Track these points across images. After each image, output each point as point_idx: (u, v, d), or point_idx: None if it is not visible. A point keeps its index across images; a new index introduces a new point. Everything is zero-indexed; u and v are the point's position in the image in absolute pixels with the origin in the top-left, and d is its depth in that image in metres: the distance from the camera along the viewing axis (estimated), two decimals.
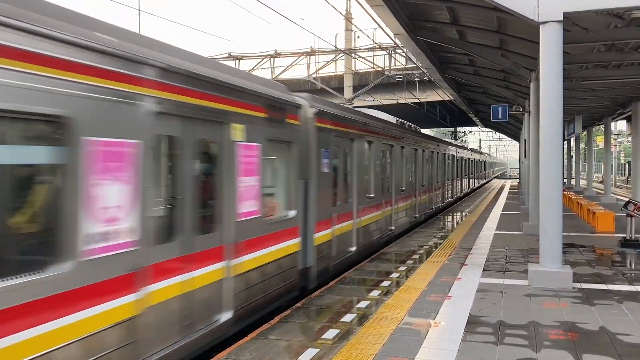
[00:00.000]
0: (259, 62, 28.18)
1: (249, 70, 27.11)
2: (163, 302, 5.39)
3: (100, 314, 4.61)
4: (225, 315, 6.50)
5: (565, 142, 40.58)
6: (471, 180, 38.02)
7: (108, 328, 4.68)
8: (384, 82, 29.20)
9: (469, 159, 36.10)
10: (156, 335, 5.28)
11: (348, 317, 7.26)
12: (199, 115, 6.04)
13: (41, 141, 4.41)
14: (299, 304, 7.98)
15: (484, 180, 53.73)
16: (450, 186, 27.04)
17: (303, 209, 9.00)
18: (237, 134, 6.81)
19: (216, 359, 5.78)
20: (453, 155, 28.27)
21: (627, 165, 63.80)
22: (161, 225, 5.55)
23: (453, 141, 37.30)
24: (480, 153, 56.03)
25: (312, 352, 5.95)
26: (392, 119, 16.86)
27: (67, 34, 4.35)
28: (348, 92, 27.33)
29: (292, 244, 8.47)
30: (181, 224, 5.79)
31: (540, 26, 9.02)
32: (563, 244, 9.37)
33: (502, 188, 43.69)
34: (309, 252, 9.18)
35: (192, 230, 5.96)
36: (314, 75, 28.30)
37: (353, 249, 11.48)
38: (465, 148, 35.98)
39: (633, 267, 10.90)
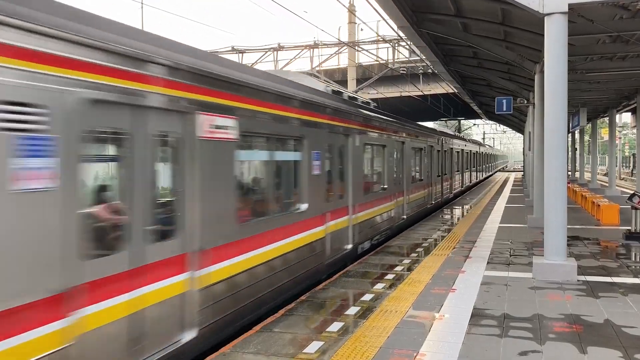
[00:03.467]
0: (262, 56, 28.13)
1: (252, 64, 27.06)
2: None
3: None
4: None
5: (570, 135, 40.38)
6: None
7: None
8: (387, 75, 29.13)
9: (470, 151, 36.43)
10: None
11: (352, 310, 7.27)
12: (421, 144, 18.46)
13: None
14: (303, 297, 8.00)
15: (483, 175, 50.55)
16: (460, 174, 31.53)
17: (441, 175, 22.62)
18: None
19: (220, 353, 5.80)
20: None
21: (631, 157, 63.62)
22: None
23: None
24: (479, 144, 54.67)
25: (316, 344, 5.96)
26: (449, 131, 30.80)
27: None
28: (351, 85, 27.28)
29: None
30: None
31: (545, 18, 8.96)
32: (567, 237, 9.35)
33: (505, 181, 43.61)
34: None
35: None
36: (317, 68, 28.23)
37: (453, 193, 26.02)
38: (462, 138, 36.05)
39: (638, 260, 10.86)
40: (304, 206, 8.82)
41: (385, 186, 13.94)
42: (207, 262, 6.00)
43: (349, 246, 11.10)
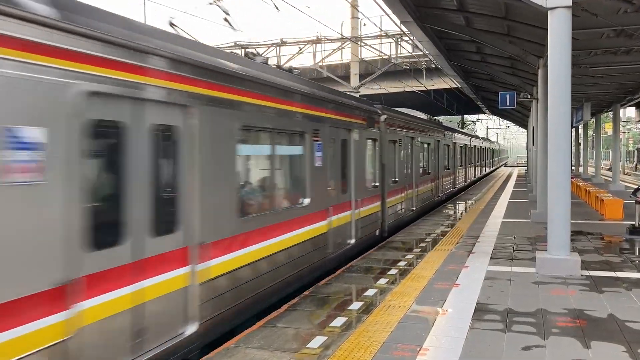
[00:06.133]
0: (264, 51, 28.06)
1: None
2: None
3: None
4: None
5: (573, 129, 40.28)
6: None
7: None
8: (390, 70, 29.05)
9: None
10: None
11: (356, 305, 7.28)
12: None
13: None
14: (306, 292, 8.01)
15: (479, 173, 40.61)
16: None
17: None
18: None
19: (224, 348, 5.81)
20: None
21: (635, 152, 63.47)
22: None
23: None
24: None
25: (320, 339, 5.97)
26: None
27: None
28: (354, 81, 27.22)
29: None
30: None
31: (549, 12, 8.92)
32: (571, 232, 9.33)
33: (509, 176, 43.54)
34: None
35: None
36: (320, 64, 28.18)
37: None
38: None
39: None
40: None
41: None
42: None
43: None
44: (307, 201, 8.81)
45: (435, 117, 24.63)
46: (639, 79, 20.34)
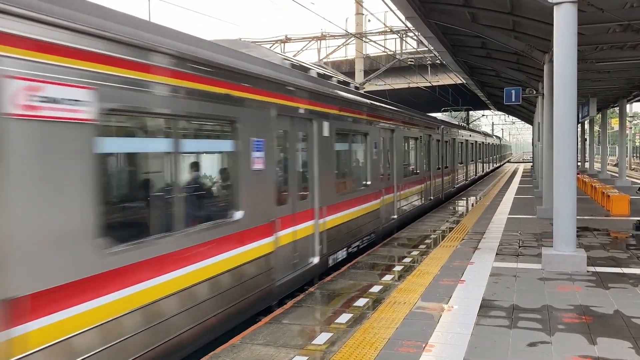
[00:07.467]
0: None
1: None
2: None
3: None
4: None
5: (579, 125, 40.10)
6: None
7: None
8: (395, 66, 28.99)
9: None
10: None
11: (361, 302, 7.29)
12: None
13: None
14: (312, 289, 8.03)
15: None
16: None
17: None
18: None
19: (230, 344, 5.83)
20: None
21: None
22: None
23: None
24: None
25: (325, 336, 5.99)
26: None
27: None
28: (359, 77, 27.19)
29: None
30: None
31: (555, 7, 8.87)
32: (577, 228, 9.30)
33: (514, 172, 43.42)
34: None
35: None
36: (325, 60, 28.16)
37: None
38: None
39: None
40: None
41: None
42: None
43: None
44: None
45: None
46: None
